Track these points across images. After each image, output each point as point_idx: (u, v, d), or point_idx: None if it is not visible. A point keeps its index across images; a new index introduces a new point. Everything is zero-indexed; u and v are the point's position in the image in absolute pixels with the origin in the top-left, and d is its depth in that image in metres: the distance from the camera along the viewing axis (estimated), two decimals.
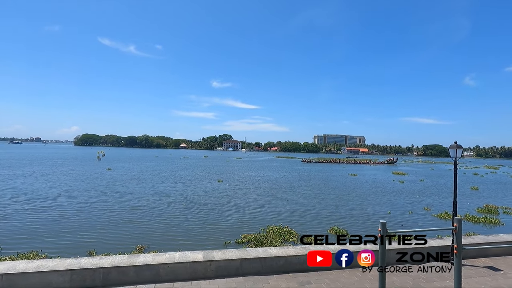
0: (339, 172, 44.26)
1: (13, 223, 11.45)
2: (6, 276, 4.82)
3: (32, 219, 12.03)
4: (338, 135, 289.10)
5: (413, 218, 14.38)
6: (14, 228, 10.82)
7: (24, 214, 12.76)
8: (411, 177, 38.33)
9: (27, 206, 14.26)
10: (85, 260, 5.28)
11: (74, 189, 19.82)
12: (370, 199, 19.80)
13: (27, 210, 13.58)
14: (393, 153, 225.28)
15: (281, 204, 17.09)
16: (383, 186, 27.04)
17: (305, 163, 71.65)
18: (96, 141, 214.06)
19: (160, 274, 5.30)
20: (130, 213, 13.62)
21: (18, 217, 12.23)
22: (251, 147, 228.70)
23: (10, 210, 13.43)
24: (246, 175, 34.96)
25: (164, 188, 22.02)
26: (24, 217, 12.35)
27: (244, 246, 9.19)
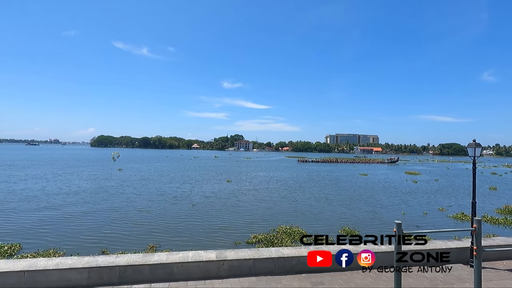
0: (349, 172, 43.64)
1: (31, 223, 11.85)
2: (28, 272, 5.00)
3: (46, 218, 12.42)
4: (350, 134, 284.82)
5: (428, 219, 14.00)
6: (33, 227, 11.21)
7: (39, 213, 13.20)
8: (425, 177, 37.35)
9: (40, 205, 14.76)
10: (102, 258, 5.41)
11: (87, 189, 20.36)
12: (382, 199, 19.43)
13: (41, 208, 14.05)
14: (408, 152, 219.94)
15: (291, 204, 16.99)
16: (395, 186, 26.46)
17: (301, 162, 69.76)
18: (111, 142, 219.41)
19: (174, 273, 5.37)
20: (141, 213, 13.87)
21: (35, 216, 12.66)
22: (262, 147, 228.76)
23: (24, 209, 13.93)
24: (255, 175, 34.97)
25: (174, 188, 22.31)
26: (39, 215, 12.77)
27: (256, 246, 9.19)
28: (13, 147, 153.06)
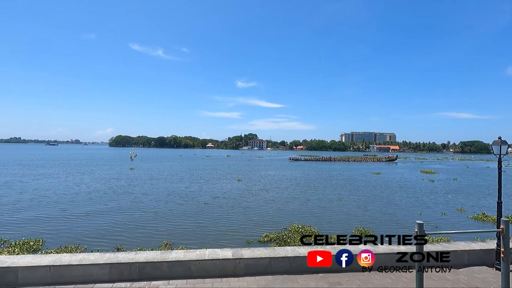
0: (360, 171, 42.83)
1: (46, 220, 12.33)
2: (53, 267, 5.22)
3: (60, 216, 12.87)
4: (366, 133, 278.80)
5: (447, 219, 13.55)
6: (55, 224, 11.67)
7: (52, 211, 13.70)
8: (443, 176, 36.15)
9: (53, 203, 15.33)
10: (122, 255, 5.56)
11: (101, 187, 20.98)
12: (397, 199, 18.97)
13: (54, 206, 14.59)
14: (427, 150, 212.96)
15: (302, 203, 16.87)
16: (411, 186, 25.76)
17: (292, 161, 67.53)
18: (129, 142, 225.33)
19: (191, 270, 5.45)
20: (153, 211, 14.14)
21: (48, 214, 13.17)
22: (276, 146, 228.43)
23: (36, 206, 14.52)
24: (266, 174, 34.95)
25: (185, 186, 22.64)
26: (53, 213, 13.26)
27: (270, 244, 9.19)
28: (33, 147, 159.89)
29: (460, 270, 5.90)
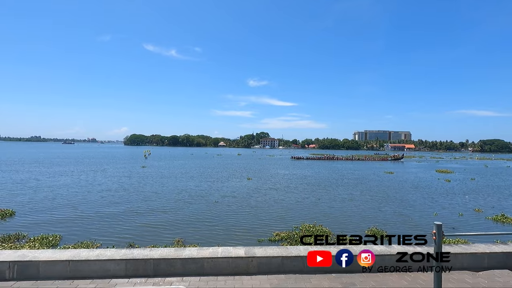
0: (373, 170, 42.01)
1: (66, 218, 12.75)
2: (72, 262, 5.40)
3: (79, 213, 13.28)
4: (380, 131, 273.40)
5: (464, 220, 13.10)
6: (69, 221, 12.06)
7: (67, 207, 14.12)
8: (459, 175, 34.97)
9: (67, 199, 15.83)
10: (138, 251, 5.69)
11: (114, 185, 21.51)
12: (411, 199, 18.49)
13: (68, 203, 15.07)
14: (444, 149, 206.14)
15: (313, 202, 16.71)
16: (426, 186, 25.05)
17: (294, 160, 66.68)
18: (143, 140, 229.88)
19: (204, 268, 5.51)
20: (164, 209, 14.32)
21: (63, 210, 13.62)
22: (288, 144, 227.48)
23: (51, 202, 15.03)
24: (276, 173, 34.85)
25: (196, 185, 22.86)
26: (72, 210, 13.69)
27: (283, 243, 9.16)
28: (51, 146, 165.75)
29: (479, 273, 5.70)
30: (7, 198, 16.12)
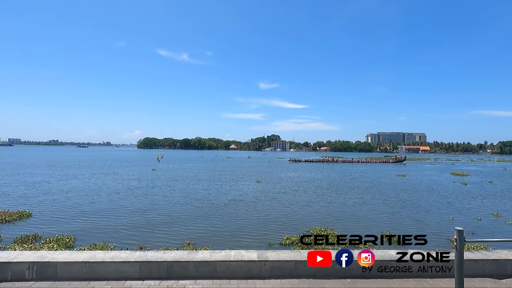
0: (384, 173, 41.15)
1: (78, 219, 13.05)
2: (88, 263, 5.50)
3: (90, 214, 13.56)
4: (394, 133, 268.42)
5: (483, 225, 12.62)
6: (80, 222, 12.33)
7: (77, 209, 14.46)
8: (476, 178, 33.79)
9: (79, 201, 16.20)
10: (151, 253, 5.75)
11: (123, 188, 21.88)
12: (425, 202, 17.98)
13: (79, 204, 15.41)
14: (461, 151, 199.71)
15: (324, 206, 16.47)
16: (441, 189, 24.31)
17: (292, 162, 66.40)
18: (155, 144, 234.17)
19: (217, 271, 5.50)
20: (173, 211, 14.42)
21: (74, 211, 13.93)
22: (299, 147, 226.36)
23: (63, 203, 15.41)
24: (285, 176, 34.67)
25: (204, 188, 22.98)
26: (77, 211, 14.00)
27: (294, 247, 9.07)
28: (66, 149, 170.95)
29: (502, 281, 5.46)
30: (23, 200, 16.69)
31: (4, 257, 5.48)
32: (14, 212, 12.92)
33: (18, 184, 22.95)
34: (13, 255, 5.59)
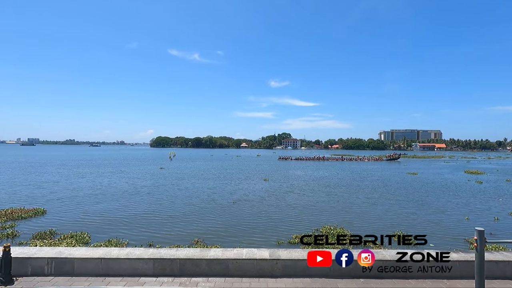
0: (394, 171, 40.32)
1: (89, 217, 13.34)
2: (104, 260, 5.63)
3: (102, 211, 13.85)
4: (408, 130, 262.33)
5: (500, 225, 12.23)
6: (92, 220, 12.61)
7: (89, 207, 14.79)
8: (492, 177, 32.73)
9: (91, 199, 16.56)
10: (164, 251, 5.83)
11: (132, 186, 22.26)
12: (439, 201, 17.54)
13: (91, 203, 15.76)
14: (479, 148, 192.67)
15: (333, 205, 16.30)
16: (454, 188, 23.66)
17: (281, 160, 65.56)
18: (168, 142, 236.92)
19: (229, 269, 5.54)
20: (182, 209, 14.60)
21: (92, 210, 14.25)
22: (310, 145, 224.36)
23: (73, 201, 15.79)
24: (293, 174, 34.50)
25: (213, 186, 23.12)
26: (96, 209, 14.32)
27: (303, 246, 9.00)
28: (79, 148, 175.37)
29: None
30: (39, 197, 17.24)
31: (25, 253, 5.68)
32: (29, 209, 13.38)
33: (33, 182, 23.74)
34: (33, 251, 5.79)
